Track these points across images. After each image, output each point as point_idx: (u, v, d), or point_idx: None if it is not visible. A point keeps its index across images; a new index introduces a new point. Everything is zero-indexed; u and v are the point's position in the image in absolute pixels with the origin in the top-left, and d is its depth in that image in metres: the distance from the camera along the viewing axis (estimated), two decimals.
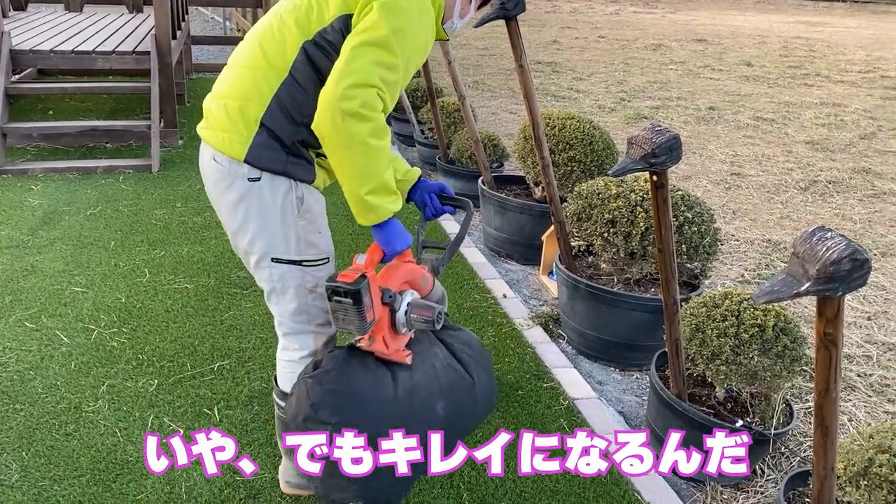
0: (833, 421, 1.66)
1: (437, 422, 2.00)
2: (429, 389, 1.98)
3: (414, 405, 1.94)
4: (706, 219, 3.14)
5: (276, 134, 1.83)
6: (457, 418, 2.08)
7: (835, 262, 1.37)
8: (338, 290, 1.74)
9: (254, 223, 1.90)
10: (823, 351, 1.55)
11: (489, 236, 4.52)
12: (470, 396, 2.12)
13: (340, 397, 1.84)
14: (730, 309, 2.50)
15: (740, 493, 2.55)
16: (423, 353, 2.04)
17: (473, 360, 2.18)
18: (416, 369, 1.99)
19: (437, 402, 2.00)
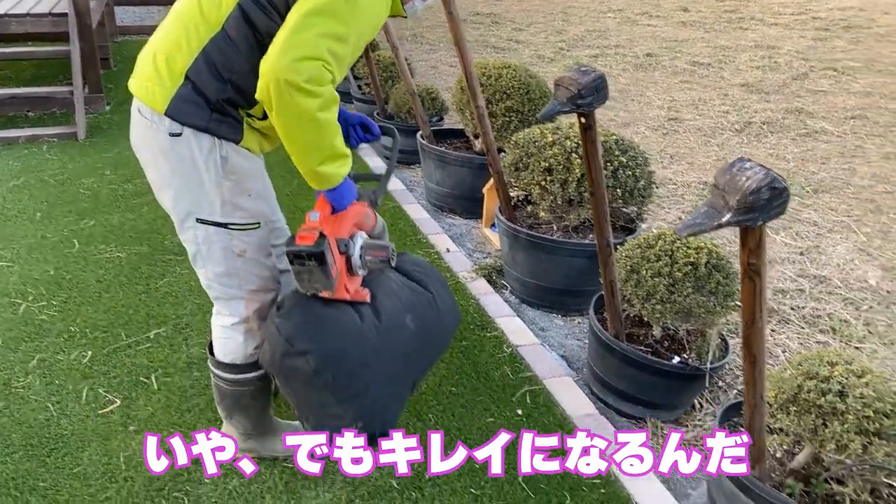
0: (760, 350, 1.70)
1: (410, 336, 1.99)
2: (394, 308, 1.98)
3: (384, 323, 1.93)
4: (640, 162, 3.16)
5: (201, 89, 1.75)
6: (428, 331, 2.07)
7: (754, 192, 1.38)
8: (300, 254, 1.72)
9: (176, 181, 1.82)
10: (748, 281, 1.57)
11: (431, 191, 4.48)
12: (433, 311, 2.09)
13: (311, 326, 1.82)
14: (663, 249, 2.53)
15: (681, 428, 2.62)
16: (377, 280, 2.02)
17: (427, 277, 2.16)
18: (376, 291, 1.99)
19: (405, 315, 1.99)
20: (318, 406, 1.86)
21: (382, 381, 1.92)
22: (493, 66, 4.12)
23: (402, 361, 1.97)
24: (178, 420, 2.41)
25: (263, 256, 1.98)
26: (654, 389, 2.56)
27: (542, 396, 2.65)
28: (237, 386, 2.11)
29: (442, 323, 2.15)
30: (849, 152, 5.62)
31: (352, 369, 1.85)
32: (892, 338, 3.18)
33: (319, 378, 1.81)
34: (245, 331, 2.02)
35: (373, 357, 1.88)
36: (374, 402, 1.90)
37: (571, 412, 2.58)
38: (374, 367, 1.89)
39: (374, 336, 1.90)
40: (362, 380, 1.87)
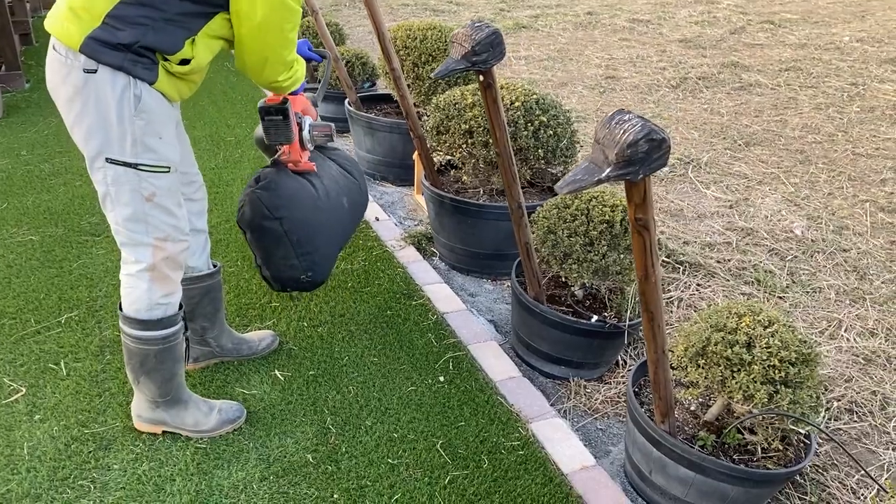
0: (657, 305, 1.69)
1: (345, 212, 2.49)
2: (335, 189, 2.44)
3: (331, 201, 2.40)
4: (562, 121, 3.12)
5: (118, 32, 1.75)
6: (355, 209, 2.60)
7: (632, 145, 1.35)
8: (269, 109, 2.13)
9: (89, 118, 1.82)
10: (637, 237, 1.55)
11: (362, 160, 4.40)
12: (358, 193, 2.62)
13: (284, 197, 2.25)
14: (579, 208, 2.51)
15: (602, 385, 2.63)
16: (322, 167, 2.46)
17: (354, 168, 2.66)
18: (323, 177, 2.42)
19: (343, 197, 2.48)
20: (281, 258, 2.30)
21: (327, 243, 2.39)
22: (418, 28, 4.03)
23: (339, 230, 2.46)
24: (87, 406, 2.33)
25: (173, 204, 1.97)
26: (575, 349, 2.56)
27: (465, 362, 2.63)
28: (141, 344, 2.06)
29: (362, 203, 2.69)
30: (782, 104, 5.66)
31: (310, 232, 2.31)
32: (815, 286, 3.22)
33: (288, 237, 2.27)
34: (150, 279, 1.99)
35: (323, 225, 2.36)
36: (321, 257, 2.37)
37: (494, 376, 2.57)
38: (324, 232, 2.36)
39: (325, 209, 2.36)
40: (315, 241, 2.33)
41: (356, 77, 4.98)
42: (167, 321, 2.04)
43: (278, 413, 2.33)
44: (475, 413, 2.37)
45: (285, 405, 2.37)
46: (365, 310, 2.91)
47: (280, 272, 2.36)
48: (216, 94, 5.92)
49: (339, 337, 2.73)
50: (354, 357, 2.62)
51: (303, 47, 2.56)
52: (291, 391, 2.44)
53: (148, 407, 2.19)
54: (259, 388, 2.45)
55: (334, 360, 2.59)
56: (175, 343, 2.09)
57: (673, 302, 3.10)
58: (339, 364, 2.58)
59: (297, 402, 2.38)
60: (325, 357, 2.61)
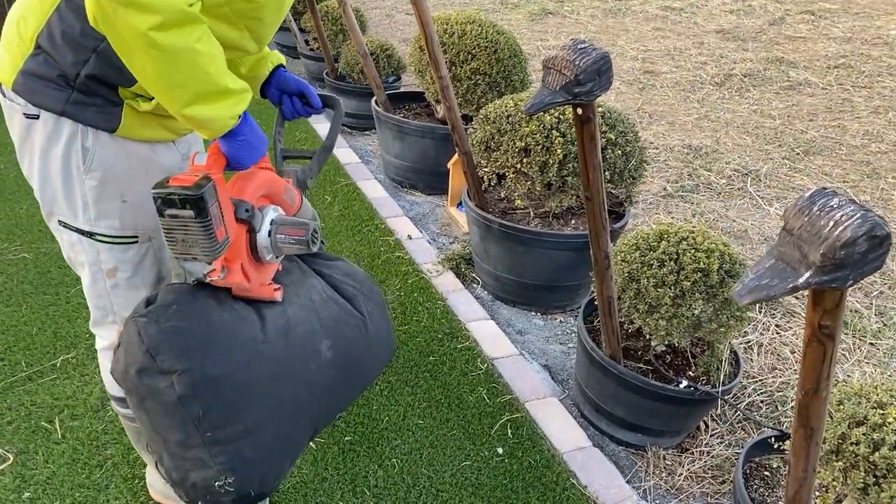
0: (820, 422, 1.31)
1: (324, 365, 1.55)
2: (308, 326, 1.53)
3: (291, 346, 1.48)
4: (631, 139, 2.73)
5: (55, 60, 1.32)
6: (350, 362, 1.63)
7: (848, 244, 0.97)
8: (170, 198, 1.24)
9: (35, 171, 1.42)
10: (816, 346, 1.17)
11: (389, 165, 4.00)
12: (361, 335, 1.65)
13: (187, 336, 1.35)
14: (667, 252, 2.13)
15: (684, 456, 2.26)
16: (295, 286, 1.57)
17: (361, 294, 1.71)
18: (290, 303, 1.53)
19: (321, 341, 1.55)
20: (177, 444, 1.37)
21: (274, 424, 1.45)
22: (456, 22, 3.62)
23: (305, 398, 1.51)
24: (86, 480, 1.97)
25: (148, 280, 1.55)
26: (656, 416, 2.19)
27: (525, 427, 2.26)
28: (128, 421, 1.73)
29: (370, 354, 1.70)
30: (836, 107, 5.25)
31: (234, 402, 1.38)
32: None
33: (186, 408, 1.34)
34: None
35: (267, 389, 1.42)
36: (257, 450, 1.42)
37: (560, 446, 2.20)
38: (266, 402, 1.42)
39: (275, 360, 1.44)
40: (245, 419, 1.40)
41: (381, 70, 4.57)
42: None
43: (311, 494, 1.97)
44: (544, 499, 2.01)
45: (319, 483, 2.00)
46: (404, 354, 2.54)
47: (179, 470, 1.39)
48: None
49: (376, 390, 2.36)
50: (396, 418, 2.25)
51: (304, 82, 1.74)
52: (326, 463, 2.07)
53: (160, 479, 1.87)
54: None
55: (373, 422, 2.22)
56: None
57: (752, 348, 2.72)
58: (378, 427, 2.21)
59: (332, 479, 2.02)
60: (363, 418, 2.24)
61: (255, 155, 1.41)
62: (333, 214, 3.46)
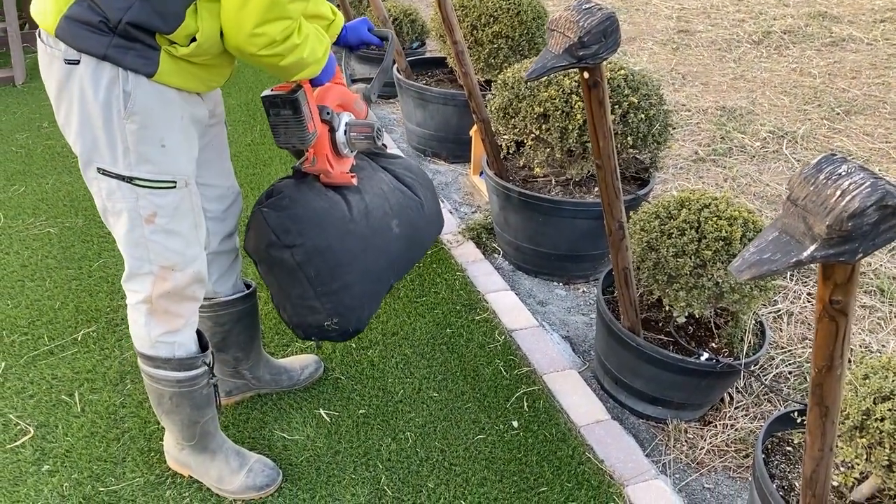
0: (835, 400, 1.25)
1: (394, 239, 1.94)
2: (382, 210, 1.92)
3: (371, 224, 1.87)
4: (655, 102, 2.63)
5: (99, 5, 1.35)
6: (412, 236, 2.02)
7: (856, 214, 0.89)
8: (275, 100, 1.62)
9: (75, 119, 1.45)
10: (827, 322, 1.10)
11: (412, 133, 3.94)
12: (420, 216, 2.06)
13: (300, 220, 1.75)
14: (688, 220, 2.05)
15: (707, 429, 2.20)
16: (369, 179, 1.95)
17: (417, 183, 2.09)
18: (366, 192, 1.90)
19: (392, 220, 1.94)
20: (298, 297, 1.81)
21: (363, 280, 1.86)
22: None
23: (384, 263, 1.93)
24: (104, 453, 2.00)
25: (184, 226, 1.58)
26: (677, 389, 2.13)
27: (542, 400, 2.22)
28: (153, 382, 1.74)
29: (427, 229, 2.11)
30: (881, 63, 5.01)
31: (335, 266, 1.80)
32: None
33: (303, 271, 1.77)
34: (147, 312, 1.64)
35: (357, 256, 1.84)
36: (353, 299, 1.85)
37: (577, 419, 2.16)
38: (357, 265, 1.84)
39: (361, 235, 1.85)
40: (343, 277, 1.81)
41: (404, 37, 4.49)
42: (180, 363, 1.68)
43: (324, 467, 1.96)
44: (559, 473, 1.97)
45: (332, 456, 2.00)
46: (421, 327, 2.51)
47: (299, 316, 1.84)
48: None
49: (392, 363, 2.34)
50: (411, 391, 2.23)
51: (360, 28, 2.01)
52: (339, 436, 2.06)
53: (175, 446, 1.90)
54: (301, 431, 2.08)
55: (388, 395, 2.21)
56: (193, 389, 1.73)
57: (782, 317, 2.63)
58: (393, 400, 2.19)
59: (345, 452, 2.01)
60: (378, 391, 2.23)
61: (328, 75, 1.74)
62: None
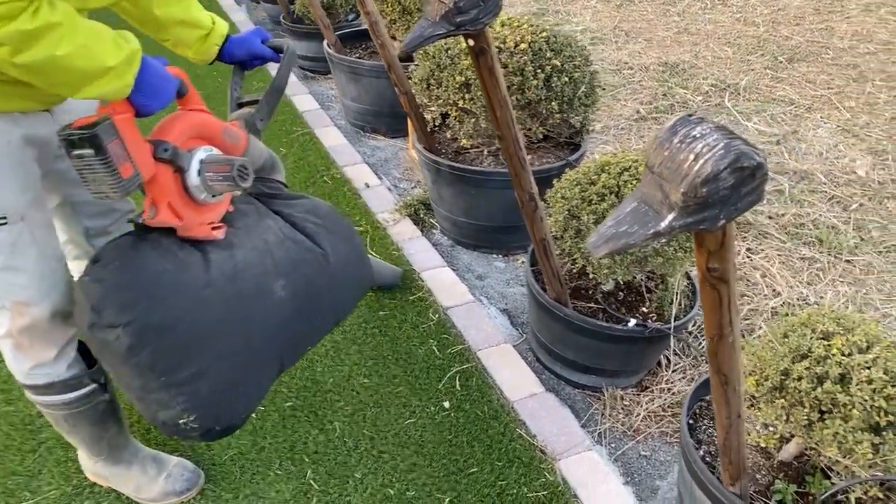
0: (732, 368, 1.20)
1: (279, 304, 1.57)
2: (259, 268, 1.54)
3: (239, 288, 1.50)
4: (580, 63, 2.55)
5: None
6: (310, 299, 1.65)
7: (710, 179, 0.83)
8: (70, 139, 1.28)
9: None
10: (710, 290, 1.05)
11: (348, 110, 3.84)
12: (322, 272, 1.68)
13: (128, 291, 1.39)
14: (608, 186, 1.99)
15: (643, 395, 2.17)
16: (248, 229, 1.59)
17: (323, 229, 1.72)
18: (239, 246, 1.54)
19: (275, 281, 1.56)
20: (139, 389, 1.43)
21: (227, 364, 1.48)
22: None
23: (261, 338, 1.53)
24: (19, 466, 1.92)
25: (27, 261, 1.45)
26: (609, 357, 2.09)
27: (475, 377, 2.17)
28: (41, 407, 1.65)
29: (337, 288, 1.73)
30: (825, 7, 4.97)
31: (182, 348, 1.42)
32: (889, 243, 2.70)
33: (137, 357, 1.38)
34: (13, 347, 1.54)
35: (214, 332, 1.45)
36: (214, 391, 1.46)
37: (511, 394, 2.11)
38: (216, 344, 1.45)
39: (221, 303, 1.46)
40: (196, 362, 1.43)
41: (338, 9, 4.35)
42: (64, 385, 1.59)
43: (248, 465, 1.90)
44: (489, 452, 1.93)
45: (257, 453, 1.94)
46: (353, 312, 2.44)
47: (148, 410, 1.46)
48: None
49: (321, 351, 2.28)
50: (341, 379, 2.17)
51: (251, 40, 1.72)
52: (265, 431, 2.00)
53: (88, 459, 1.84)
54: None
55: (317, 385, 2.15)
56: (86, 407, 1.65)
57: None
58: (322, 390, 2.13)
59: (271, 448, 1.95)
60: (306, 381, 2.17)
61: (160, 99, 1.37)
62: (287, 167, 3.33)
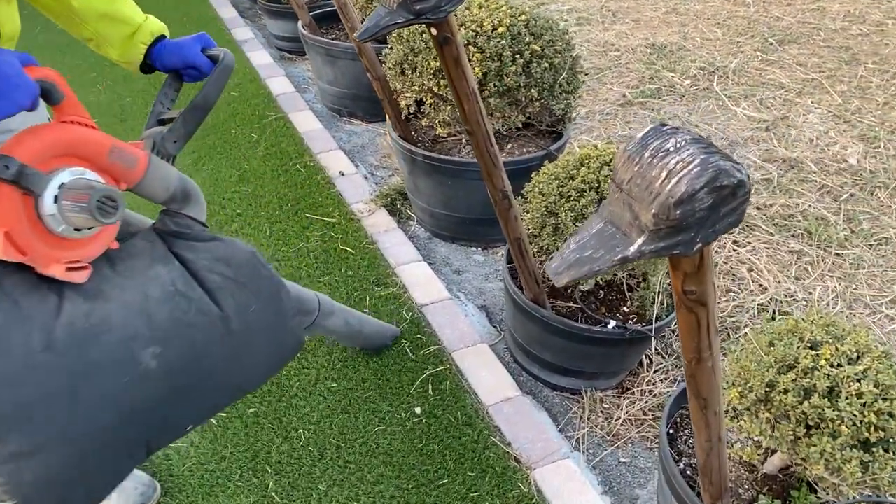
0: (712, 391, 1.11)
1: (147, 378, 1.26)
2: (125, 331, 1.25)
3: (91, 354, 1.21)
4: (561, 48, 2.43)
5: None
6: (199, 371, 1.35)
7: (685, 200, 0.73)
8: None
9: None
10: (686, 313, 0.95)
11: (325, 93, 3.70)
12: (218, 338, 1.37)
13: None
14: (587, 181, 1.88)
15: (624, 397, 2.08)
16: (129, 278, 1.29)
17: (232, 283, 1.40)
18: (107, 300, 1.25)
19: (144, 348, 1.26)
20: None
21: (63, 446, 1.21)
22: None
23: (113, 416, 1.25)
24: None
25: None
26: (588, 359, 2.00)
27: (449, 380, 2.07)
28: None
29: (241, 356, 1.42)
30: None
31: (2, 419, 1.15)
32: (880, 235, 2.61)
33: None
34: None
35: (52, 406, 1.18)
36: (42, 475, 1.19)
37: (486, 398, 2.02)
38: (48, 423, 1.18)
39: (65, 371, 1.19)
40: (18, 439, 1.16)
41: None
42: None
43: (208, 475, 1.81)
44: (461, 462, 1.84)
45: (216, 463, 1.84)
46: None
47: None
48: None
49: None
50: (307, 383, 2.07)
51: (190, 46, 1.41)
52: (226, 440, 1.91)
53: None
54: (185, 437, 1.92)
55: (282, 390, 2.05)
56: None
57: None
58: (287, 395, 2.03)
59: (232, 458, 1.85)
60: (271, 385, 2.06)
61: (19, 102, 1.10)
62: (258, 154, 3.20)
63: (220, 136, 3.37)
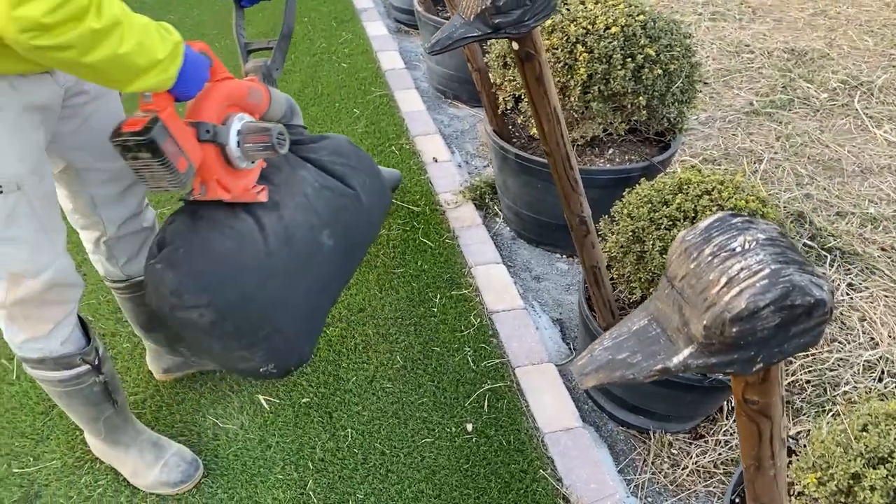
0: (774, 499, 0.95)
1: (329, 254, 1.67)
2: (307, 224, 1.62)
3: (295, 251, 1.58)
4: (679, 54, 2.23)
5: None
6: (350, 242, 1.75)
7: (743, 318, 0.59)
8: (126, 144, 1.30)
9: None
10: (746, 422, 0.81)
11: (433, 73, 3.62)
12: (358, 213, 1.77)
13: (201, 276, 1.46)
14: (683, 209, 1.71)
15: (696, 445, 1.92)
16: (287, 184, 1.62)
17: (349, 169, 1.78)
18: (285, 206, 1.59)
19: (321, 233, 1.65)
20: (221, 350, 1.57)
21: (295, 319, 1.62)
22: None
23: (318, 287, 1.67)
24: (28, 428, 1.90)
25: (25, 232, 1.35)
26: (660, 400, 1.84)
27: (507, 399, 1.97)
28: (38, 380, 1.58)
29: (368, 220, 1.83)
30: None
31: (257, 314, 1.53)
32: None
33: (219, 329, 1.49)
34: (6, 317, 1.45)
35: (283, 297, 1.57)
36: (287, 341, 1.62)
37: (543, 424, 1.91)
38: (285, 305, 1.58)
39: (284, 270, 1.56)
40: (271, 323, 1.57)
41: None
42: (56, 363, 1.51)
43: (251, 462, 1.80)
44: (505, 491, 1.74)
45: (262, 451, 1.83)
46: (391, 303, 2.28)
47: (228, 364, 1.65)
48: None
49: (350, 344, 2.13)
50: (363, 380, 2.02)
51: None
52: (275, 427, 1.89)
53: (89, 435, 1.78)
54: (236, 418, 1.92)
55: (337, 383, 2.01)
56: (79, 387, 1.57)
57: None
58: (342, 389, 1.99)
59: (277, 447, 1.84)
60: (328, 377, 2.03)
61: (197, 84, 1.38)
62: (358, 131, 3.16)
63: (324, 108, 3.36)
